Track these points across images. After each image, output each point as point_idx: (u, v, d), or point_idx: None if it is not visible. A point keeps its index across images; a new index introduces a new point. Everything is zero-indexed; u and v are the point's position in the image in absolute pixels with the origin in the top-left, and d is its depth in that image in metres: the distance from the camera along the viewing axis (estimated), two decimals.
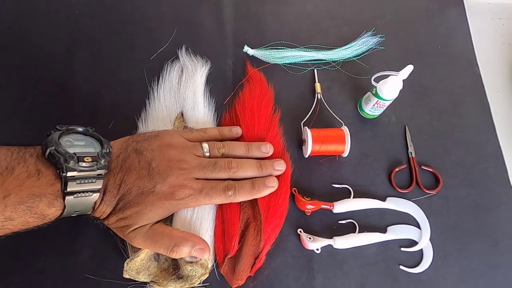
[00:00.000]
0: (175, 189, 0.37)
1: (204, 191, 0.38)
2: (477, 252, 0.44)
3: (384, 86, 0.43)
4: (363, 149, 0.49)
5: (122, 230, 0.37)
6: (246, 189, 0.40)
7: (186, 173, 0.38)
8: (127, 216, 0.36)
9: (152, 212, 0.36)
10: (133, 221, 0.36)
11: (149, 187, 0.36)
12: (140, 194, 0.36)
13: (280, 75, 0.52)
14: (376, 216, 0.45)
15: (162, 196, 0.36)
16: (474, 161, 0.49)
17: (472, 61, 0.56)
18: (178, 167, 0.38)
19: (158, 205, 0.36)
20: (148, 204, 0.36)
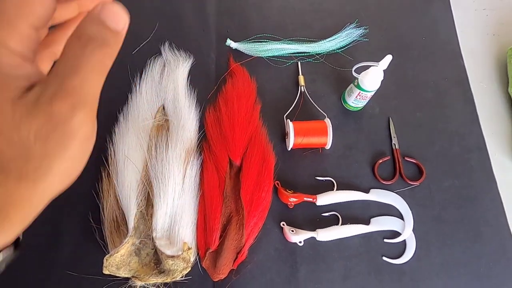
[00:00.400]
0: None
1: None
2: (460, 241, 0.44)
3: (365, 77, 0.43)
4: (346, 141, 0.49)
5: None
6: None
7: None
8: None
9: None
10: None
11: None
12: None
13: (264, 68, 0.52)
14: (360, 208, 0.45)
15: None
16: (458, 152, 0.49)
17: (456, 52, 0.56)
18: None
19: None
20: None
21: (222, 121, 0.45)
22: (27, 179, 0.18)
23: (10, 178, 0.18)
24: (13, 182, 0.18)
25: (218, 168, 0.43)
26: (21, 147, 0.18)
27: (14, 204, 0.18)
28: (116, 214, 0.42)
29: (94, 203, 0.42)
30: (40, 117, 0.17)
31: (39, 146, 0.18)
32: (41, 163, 0.18)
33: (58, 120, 0.17)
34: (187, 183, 0.42)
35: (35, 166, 0.18)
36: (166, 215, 0.40)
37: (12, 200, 0.18)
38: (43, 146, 0.18)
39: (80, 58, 0.17)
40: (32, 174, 0.18)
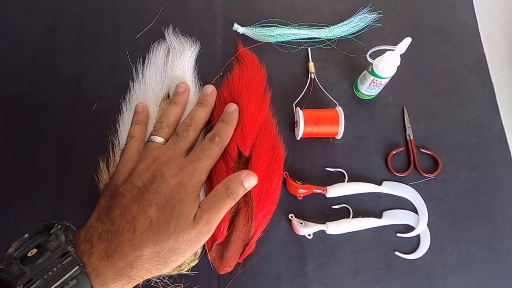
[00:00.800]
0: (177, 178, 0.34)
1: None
2: (477, 237, 0.42)
3: (380, 62, 0.41)
4: (358, 131, 0.47)
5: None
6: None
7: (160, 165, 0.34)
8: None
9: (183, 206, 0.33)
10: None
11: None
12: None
13: (272, 54, 0.50)
14: (371, 200, 0.43)
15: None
16: (476, 143, 0.47)
17: (475, 38, 0.53)
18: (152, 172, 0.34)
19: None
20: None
21: None
22: (164, 265, 0.31)
23: (159, 261, 0.31)
24: (158, 263, 0.31)
25: (226, 158, 0.41)
26: (176, 244, 0.31)
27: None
28: None
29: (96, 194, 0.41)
30: (195, 231, 0.31)
31: (182, 248, 0.31)
32: (177, 259, 0.31)
33: (199, 237, 0.32)
34: None
35: (173, 259, 0.31)
36: None
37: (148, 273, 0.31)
38: (184, 249, 0.31)
39: (222, 203, 0.33)
40: (169, 263, 0.31)
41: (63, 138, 0.45)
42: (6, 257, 0.26)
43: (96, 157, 0.43)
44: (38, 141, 0.44)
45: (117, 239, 0.29)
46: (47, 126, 0.45)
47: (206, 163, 0.37)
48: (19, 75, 0.47)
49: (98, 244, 0.28)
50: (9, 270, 0.25)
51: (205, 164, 0.36)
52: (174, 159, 0.36)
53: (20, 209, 0.41)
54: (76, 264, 0.26)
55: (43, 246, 0.26)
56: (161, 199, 0.32)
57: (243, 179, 0.34)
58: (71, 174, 0.43)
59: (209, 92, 0.43)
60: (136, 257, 0.29)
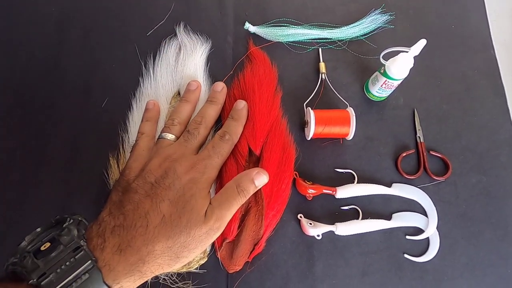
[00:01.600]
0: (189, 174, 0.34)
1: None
2: (486, 241, 0.42)
3: (393, 64, 0.41)
4: (368, 132, 0.46)
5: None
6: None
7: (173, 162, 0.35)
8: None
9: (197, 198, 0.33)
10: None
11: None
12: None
13: (283, 54, 0.50)
14: (381, 202, 0.43)
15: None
16: (486, 147, 0.47)
17: (487, 42, 0.52)
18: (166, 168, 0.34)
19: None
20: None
21: None
22: (175, 260, 0.31)
23: (170, 256, 0.30)
24: (170, 258, 0.31)
25: (237, 157, 0.41)
26: (188, 239, 0.30)
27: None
28: None
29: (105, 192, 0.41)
30: (207, 227, 0.31)
31: (194, 244, 0.31)
32: (188, 255, 0.31)
33: (210, 233, 0.32)
34: None
35: (184, 255, 0.31)
36: None
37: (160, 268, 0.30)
38: (195, 244, 0.31)
39: (233, 200, 0.33)
40: (180, 259, 0.31)
41: (73, 134, 0.45)
42: (20, 251, 0.26)
43: (106, 154, 0.43)
44: (48, 136, 0.44)
45: (129, 233, 0.29)
46: (57, 122, 0.45)
47: (217, 160, 0.37)
48: (30, 70, 0.47)
49: (110, 238, 0.28)
50: (23, 263, 0.25)
51: (215, 161, 0.37)
52: (185, 156, 0.36)
53: (31, 205, 0.41)
54: (89, 259, 0.26)
55: (56, 240, 0.26)
56: (174, 195, 0.32)
57: (254, 177, 0.35)
58: (81, 170, 0.43)
59: (219, 89, 0.43)
60: (149, 252, 0.29)
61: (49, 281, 0.24)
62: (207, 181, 0.35)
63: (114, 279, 0.27)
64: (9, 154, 0.43)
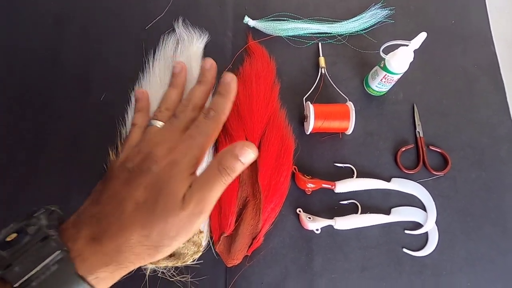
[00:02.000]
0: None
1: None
2: (485, 236, 0.42)
3: (393, 58, 0.40)
4: (368, 127, 0.46)
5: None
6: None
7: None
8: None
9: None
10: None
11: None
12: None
13: (283, 48, 0.49)
14: (380, 197, 0.43)
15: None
16: (486, 142, 0.47)
17: (487, 37, 0.52)
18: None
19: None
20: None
21: (239, 101, 0.43)
22: (155, 250, 0.27)
23: (148, 245, 0.27)
24: (148, 247, 0.27)
25: None
26: (166, 226, 0.27)
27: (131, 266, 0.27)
28: None
29: None
30: (186, 211, 0.27)
31: (174, 231, 0.27)
32: (169, 243, 0.27)
33: (191, 218, 0.27)
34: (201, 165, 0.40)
35: (164, 244, 0.27)
36: None
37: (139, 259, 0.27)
38: (176, 231, 0.27)
39: (215, 180, 0.28)
40: (161, 248, 0.27)
41: (72, 127, 0.44)
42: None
43: (105, 147, 0.42)
44: (47, 130, 0.44)
45: (104, 222, 0.27)
46: (56, 116, 0.45)
47: (201, 140, 0.32)
48: (28, 64, 0.47)
49: (85, 228, 0.27)
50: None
51: (199, 141, 0.32)
52: (167, 139, 0.32)
53: (30, 199, 0.41)
54: (58, 249, 0.24)
55: (23, 230, 0.25)
56: (150, 180, 0.29)
57: (238, 152, 0.29)
58: (80, 164, 0.43)
59: (207, 67, 0.38)
60: (124, 241, 0.27)
61: (14, 272, 0.23)
62: (190, 162, 0.31)
63: (88, 270, 0.25)
64: (7, 148, 0.43)
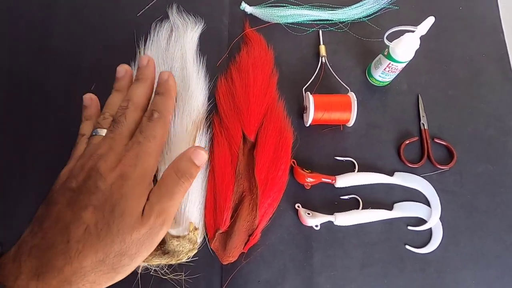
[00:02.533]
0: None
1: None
2: (491, 232, 0.40)
3: (398, 45, 0.38)
4: (370, 119, 0.44)
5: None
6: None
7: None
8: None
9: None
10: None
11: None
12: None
13: (281, 35, 0.47)
14: (382, 191, 0.41)
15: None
16: (493, 135, 0.45)
17: (496, 25, 0.50)
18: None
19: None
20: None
21: (235, 92, 0.41)
22: (115, 272, 0.25)
23: (105, 269, 0.25)
24: (105, 272, 0.25)
25: (230, 143, 0.39)
26: (124, 247, 0.25)
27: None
28: None
29: None
30: (146, 227, 0.26)
31: (134, 249, 0.25)
32: (130, 262, 0.26)
33: (153, 231, 0.26)
34: None
35: (125, 263, 0.25)
36: None
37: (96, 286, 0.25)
38: (136, 249, 0.25)
39: (174, 188, 0.28)
40: (121, 269, 0.25)
41: (61, 118, 0.43)
42: None
43: None
44: (34, 121, 0.42)
45: (48, 253, 0.24)
46: (44, 106, 0.43)
47: (150, 145, 0.29)
48: (15, 52, 0.45)
49: (27, 262, 0.24)
50: None
51: (149, 146, 0.29)
52: (112, 149, 0.29)
53: (16, 191, 0.39)
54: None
55: None
56: (99, 199, 0.26)
57: (192, 156, 0.29)
58: (68, 156, 0.41)
59: (144, 63, 0.35)
60: (74, 271, 0.24)
61: None
62: (142, 173, 0.28)
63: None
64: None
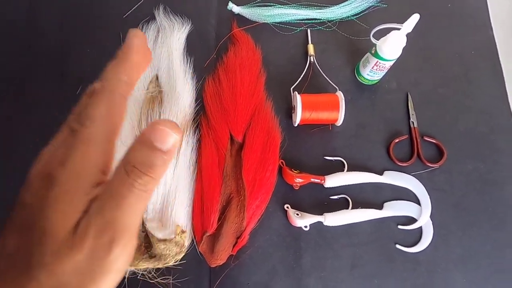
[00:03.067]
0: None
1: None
2: (482, 231, 0.40)
3: (384, 43, 0.38)
4: (359, 118, 0.44)
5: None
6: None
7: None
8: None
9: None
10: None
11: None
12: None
13: (269, 35, 0.47)
14: (372, 191, 0.41)
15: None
16: (483, 132, 0.44)
17: (485, 22, 0.50)
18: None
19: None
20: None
21: (222, 92, 0.41)
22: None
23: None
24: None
25: (217, 144, 0.38)
26: (56, 282, 0.18)
27: None
28: None
29: None
30: (82, 251, 0.17)
31: (75, 281, 0.18)
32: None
33: (97, 256, 0.17)
34: (182, 160, 0.38)
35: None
36: (157, 195, 0.36)
37: None
38: (78, 283, 0.18)
39: (124, 191, 0.18)
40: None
41: (46, 121, 0.42)
42: None
43: None
44: (19, 124, 0.42)
45: None
46: (29, 109, 0.42)
47: (87, 131, 0.20)
48: (1, 54, 0.44)
49: None
50: None
51: (85, 133, 0.19)
52: (50, 145, 0.21)
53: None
54: None
55: None
56: (22, 217, 0.19)
57: (151, 138, 0.18)
58: None
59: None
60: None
61: None
62: (74, 174, 0.19)
63: None
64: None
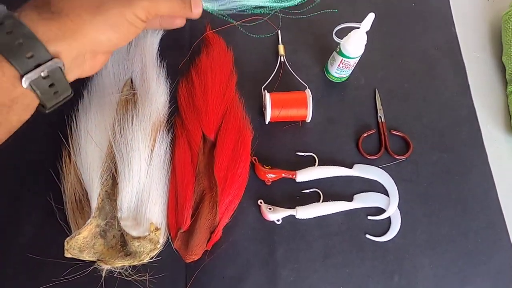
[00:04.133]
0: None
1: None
2: (447, 218, 0.42)
3: (347, 42, 0.40)
4: (329, 114, 0.46)
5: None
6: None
7: None
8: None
9: None
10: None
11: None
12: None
13: (242, 37, 0.48)
14: (343, 184, 0.43)
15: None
16: (447, 124, 0.47)
17: (448, 18, 0.52)
18: None
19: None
20: None
21: (195, 93, 0.42)
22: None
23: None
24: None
25: (190, 143, 0.39)
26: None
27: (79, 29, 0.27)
28: (80, 195, 0.39)
29: (55, 184, 0.39)
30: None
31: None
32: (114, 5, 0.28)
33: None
34: (156, 160, 0.39)
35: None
36: (132, 194, 0.37)
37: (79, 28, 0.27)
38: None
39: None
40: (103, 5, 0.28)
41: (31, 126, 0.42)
42: None
43: (55, 143, 0.41)
44: None
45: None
46: None
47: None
48: None
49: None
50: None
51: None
52: None
53: None
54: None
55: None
56: None
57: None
58: (32, 161, 0.41)
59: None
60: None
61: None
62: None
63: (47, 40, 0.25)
64: None
